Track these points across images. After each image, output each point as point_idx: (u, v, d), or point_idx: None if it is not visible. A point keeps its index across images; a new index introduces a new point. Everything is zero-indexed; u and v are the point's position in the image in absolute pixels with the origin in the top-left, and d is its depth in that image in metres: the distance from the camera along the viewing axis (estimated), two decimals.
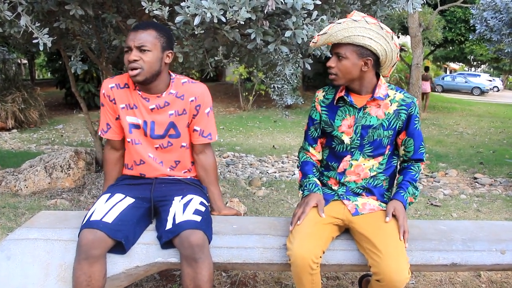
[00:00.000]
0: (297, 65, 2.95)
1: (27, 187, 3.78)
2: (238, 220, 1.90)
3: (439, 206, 3.93)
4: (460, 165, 6.08)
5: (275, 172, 5.35)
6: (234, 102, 14.06)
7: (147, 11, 2.05)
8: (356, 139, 1.77)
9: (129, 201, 1.73)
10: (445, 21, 14.51)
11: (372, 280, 1.61)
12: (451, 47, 19.01)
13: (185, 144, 1.88)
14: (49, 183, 3.86)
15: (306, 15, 2.12)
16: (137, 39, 1.66)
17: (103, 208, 1.66)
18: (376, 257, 1.57)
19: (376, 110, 1.75)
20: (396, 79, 15.74)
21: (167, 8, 2.05)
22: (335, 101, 1.80)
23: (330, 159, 1.86)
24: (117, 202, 1.70)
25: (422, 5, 2.60)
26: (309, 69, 2.88)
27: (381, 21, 2.52)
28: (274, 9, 1.98)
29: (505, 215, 3.75)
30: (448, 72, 35.27)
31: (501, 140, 8.82)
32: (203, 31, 2.21)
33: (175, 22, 2.00)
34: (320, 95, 1.87)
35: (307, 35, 2.12)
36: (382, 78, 1.78)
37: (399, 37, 16.18)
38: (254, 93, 12.83)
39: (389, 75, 1.82)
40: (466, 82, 26.74)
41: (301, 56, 2.97)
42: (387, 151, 1.81)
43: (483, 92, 26.09)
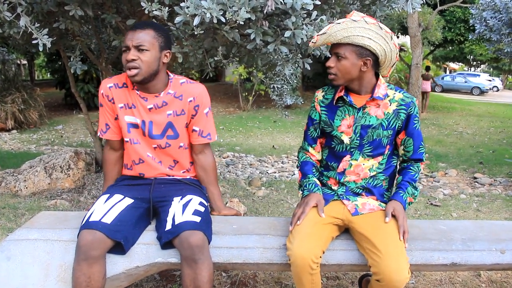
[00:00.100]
0: (297, 65, 2.95)
1: (27, 188, 3.78)
2: (238, 220, 1.90)
3: (439, 206, 3.94)
4: (459, 165, 6.08)
5: (275, 172, 5.36)
6: (233, 102, 14.06)
7: (146, 12, 2.05)
8: (355, 139, 1.77)
9: (128, 201, 1.73)
10: (445, 21, 14.52)
11: (372, 280, 1.61)
12: (450, 47, 19.03)
13: (183, 144, 1.88)
14: (49, 183, 3.86)
15: (305, 15, 2.12)
16: (135, 39, 1.67)
17: (102, 208, 1.66)
18: (376, 257, 1.57)
19: (375, 110, 1.75)
20: (395, 79, 15.75)
21: (167, 8, 2.05)
22: (335, 101, 1.80)
23: (329, 159, 1.86)
24: (116, 202, 1.70)
25: (421, 5, 2.60)
26: (309, 69, 2.88)
27: (381, 21, 2.53)
28: (273, 9, 1.98)
29: (504, 214, 3.76)
30: (447, 72, 35.30)
31: (500, 139, 8.83)
32: (203, 32, 2.21)
33: (175, 22, 2.00)
34: (319, 95, 1.87)
35: (306, 35, 2.12)
36: (381, 78, 1.78)
37: (398, 37, 16.20)
38: (253, 93, 12.83)
39: (389, 75, 1.82)
40: (465, 82, 26.74)
41: (301, 56, 2.97)
42: (387, 151, 1.81)
43: (482, 92, 26.09)
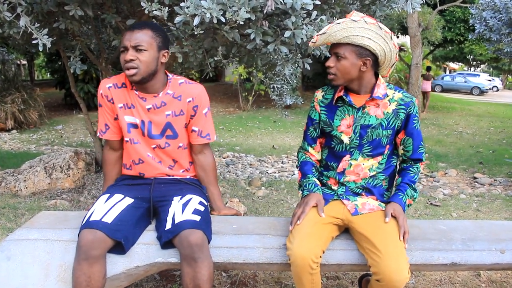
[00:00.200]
0: (297, 65, 2.95)
1: (27, 188, 3.78)
2: (238, 220, 1.90)
3: (438, 206, 3.94)
4: (459, 165, 6.08)
5: (275, 172, 5.36)
6: (233, 102, 14.06)
7: (146, 12, 2.05)
8: (355, 139, 1.77)
9: (129, 201, 1.74)
10: (445, 21, 14.53)
11: (372, 280, 1.62)
12: (450, 47, 19.03)
13: (182, 144, 1.88)
14: (49, 183, 3.87)
15: (305, 15, 2.12)
16: (133, 39, 1.67)
17: (102, 208, 1.66)
18: (375, 256, 1.57)
19: (375, 109, 1.75)
20: (395, 79, 15.76)
21: (167, 8, 2.05)
22: (334, 101, 1.80)
23: (329, 159, 1.86)
24: (116, 202, 1.71)
25: (421, 5, 2.60)
26: (309, 69, 2.88)
27: (381, 21, 2.53)
28: (273, 9, 1.98)
29: (504, 214, 3.76)
30: (447, 72, 35.31)
31: (500, 139, 8.83)
32: (203, 32, 2.21)
33: (175, 22, 2.00)
34: (319, 95, 1.87)
35: (306, 35, 2.12)
36: (380, 77, 1.78)
37: (398, 37, 16.21)
38: (253, 93, 12.83)
39: (388, 75, 1.83)
40: (465, 82, 26.75)
41: (301, 56, 2.97)
42: (387, 151, 1.81)
43: (482, 92, 26.10)
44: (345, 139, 1.78)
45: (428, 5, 12.64)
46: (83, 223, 1.60)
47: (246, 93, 13.17)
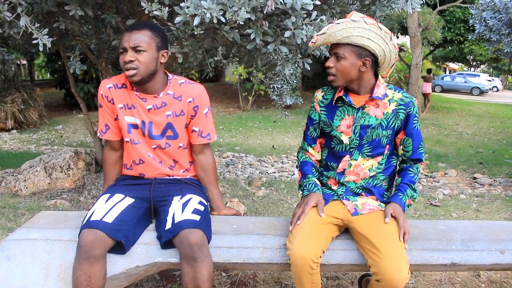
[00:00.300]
0: (297, 65, 2.96)
1: (27, 188, 3.78)
2: (238, 220, 1.90)
3: (438, 206, 3.94)
4: (459, 165, 6.08)
5: (275, 172, 5.36)
6: (233, 102, 14.06)
7: (146, 12, 2.05)
8: (355, 139, 1.77)
9: (129, 201, 1.74)
10: (444, 21, 14.52)
11: (371, 280, 1.62)
12: (450, 47, 19.02)
13: (182, 144, 1.89)
14: (49, 183, 3.87)
15: (305, 15, 2.12)
16: (132, 40, 1.67)
17: (103, 208, 1.66)
18: (375, 257, 1.57)
19: (374, 110, 1.75)
20: (395, 79, 15.76)
21: (167, 8, 2.05)
22: (334, 101, 1.81)
23: (329, 159, 1.86)
24: (117, 202, 1.71)
25: (421, 5, 2.60)
26: (309, 69, 2.88)
27: (380, 21, 2.53)
28: (273, 9, 1.98)
29: (504, 215, 3.76)
30: (447, 72, 35.31)
31: (500, 140, 8.83)
32: (203, 32, 2.21)
33: (175, 22, 2.00)
34: (319, 95, 1.87)
35: (306, 35, 2.12)
36: (380, 78, 1.78)
37: (398, 37, 16.20)
38: (253, 93, 12.83)
39: (388, 75, 1.83)
40: (465, 82, 26.76)
41: (301, 56, 2.97)
42: (386, 151, 1.81)
43: (482, 92, 26.11)
44: (345, 139, 1.78)
45: (428, 5, 12.64)
46: (84, 223, 1.61)
47: (246, 93, 13.17)
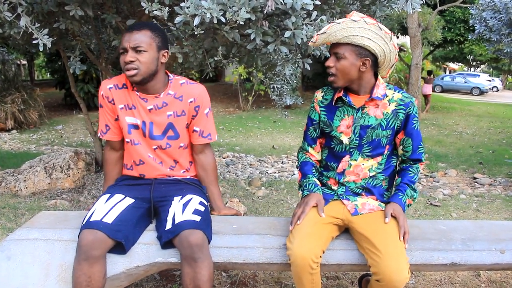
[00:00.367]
0: (297, 65, 2.96)
1: (27, 188, 3.78)
2: (238, 220, 1.90)
3: (438, 206, 3.94)
4: (459, 165, 6.08)
5: (275, 172, 5.36)
6: (233, 102, 14.06)
7: (146, 12, 2.05)
8: (354, 139, 1.77)
9: (129, 201, 1.74)
10: (445, 21, 14.52)
11: (371, 280, 1.62)
12: (450, 47, 19.02)
13: (183, 144, 1.89)
14: (49, 183, 3.87)
15: (305, 16, 2.12)
16: (132, 40, 1.67)
17: (103, 208, 1.66)
18: (375, 257, 1.57)
19: (374, 110, 1.75)
20: (395, 79, 15.77)
21: (167, 8, 2.05)
22: (334, 101, 1.81)
23: (329, 159, 1.86)
24: (117, 202, 1.71)
25: (421, 5, 2.60)
26: (309, 69, 2.88)
27: (380, 21, 2.53)
28: (273, 9, 1.98)
29: (504, 214, 3.76)
30: (447, 72, 35.31)
31: (500, 140, 8.83)
32: (203, 32, 2.21)
33: (175, 22, 2.00)
34: (319, 95, 1.87)
35: (306, 35, 2.12)
36: (380, 78, 1.78)
37: (398, 38, 16.20)
38: (253, 93, 12.84)
39: (388, 76, 1.83)
40: (465, 82, 26.76)
41: (301, 56, 2.97)
42: (386, 151, 1.81)
43: (482, 92, 26.10)
44: (345, 139, 1.78)
45: (428, 6, 12.64)
46: (84, 223, 1.60)
47: (246, 93, 13.17)
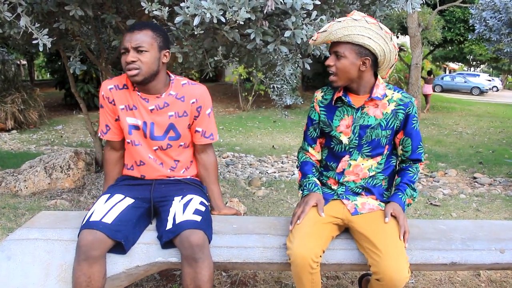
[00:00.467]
0: (297, 65, 2.96)
1: (27, 188, 3.78)
2: (238, 219, 1.90)
3: (438, 205, 3.94)
4: (459, 164, 6.08)
5: (275, 172, 5.36)
6: (233, 102, 14.06)
7: (146, 12, 2.05)
8: (354, 139, 1.77)
9: (129, 201, 1.74)
10: (444, 21, 14.52)
11: (372, 279, 1.62)
12: (450, 47, 19.02)
13: (184, 143, 1.89)
14: (49, 183, 3.87)
15: (305, 15, 2.12)
16: (134, 40, 1.66)
17: (102, 208, 1.66)
18: (375, 256, 1.57)
19: (374, 110, 1.75)
20: (395, 79, 15.77)
21: (167, 8, 2.05)
22: (333, 101, 1.81)
23: (329, 159, 1.86)
24: (116, 202, 1.71)
25: (421, 5, 2.60)
26: (309, 69, 2.88)
27: (380, 21, 2.53)
28: (273, 9, 1.98)
29: (504, 214, 3.76)
30: (447, 72, 35.31)
31: (500, 140, 8.83)
32: (203, 32, 2.21)
33: (175, 22, 2.00)
34: (319, 95, 1.87)
35: (306, 35, 2.12)
36: (380, 78, 1.78)
37: (398, 37, 16.20)
38: (253, 93, 12.84)
39: (387, 76, 1.83)
40: (465, 82, 26.75)
41: (301, 56, 2.97)
42: (386, 151, 1.81)
43: (482, 92, 26.10)
44: (344, 139, 1.78)
45: (428, 5, 12.64)
46: (83, 223, 1.60)
47: (246, 93, 13.17)
